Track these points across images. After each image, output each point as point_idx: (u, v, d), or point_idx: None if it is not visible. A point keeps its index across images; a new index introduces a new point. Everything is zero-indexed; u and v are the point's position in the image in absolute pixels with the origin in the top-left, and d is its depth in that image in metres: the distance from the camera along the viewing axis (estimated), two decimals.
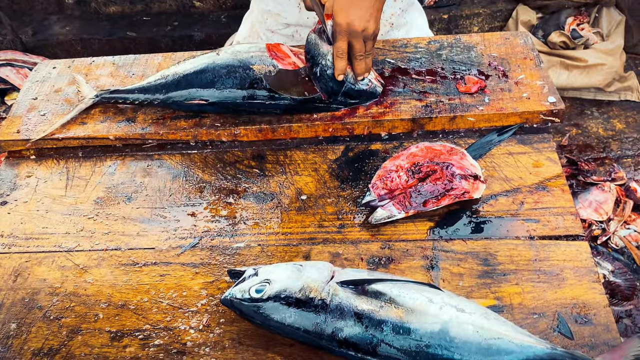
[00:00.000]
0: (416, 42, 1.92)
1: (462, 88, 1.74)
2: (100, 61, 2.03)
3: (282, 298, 1.23)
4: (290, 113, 1.74)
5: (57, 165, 1.75)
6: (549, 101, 1.67)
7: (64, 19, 4.54)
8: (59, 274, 1.48)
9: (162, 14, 4.51)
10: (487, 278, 1.36)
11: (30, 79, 1.99)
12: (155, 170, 1.70)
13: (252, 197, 1.60)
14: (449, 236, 1.45)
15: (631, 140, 3.65)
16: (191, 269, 1.45)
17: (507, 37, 1.90)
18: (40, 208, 1.64)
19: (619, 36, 3.93)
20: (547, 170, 1.56)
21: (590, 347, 1.24)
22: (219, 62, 1.74)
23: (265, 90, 1.70)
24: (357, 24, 1.57)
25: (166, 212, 1.59)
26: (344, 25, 1.58)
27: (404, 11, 2.14)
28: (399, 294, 1.22)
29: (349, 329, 1.19)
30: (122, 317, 1.38)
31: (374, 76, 1.73)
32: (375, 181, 1.52)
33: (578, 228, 1.43)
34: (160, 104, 1.78)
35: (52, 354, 1.32)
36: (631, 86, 3.90)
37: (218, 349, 1.30)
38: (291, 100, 1.70)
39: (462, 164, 1.52)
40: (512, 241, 1.43)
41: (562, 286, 1.33)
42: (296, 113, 1.74)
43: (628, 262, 2.97)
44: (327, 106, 1.72)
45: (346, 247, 1.46)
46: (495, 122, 1.68)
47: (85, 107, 1.82)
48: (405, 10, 2.14)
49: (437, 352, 1.17)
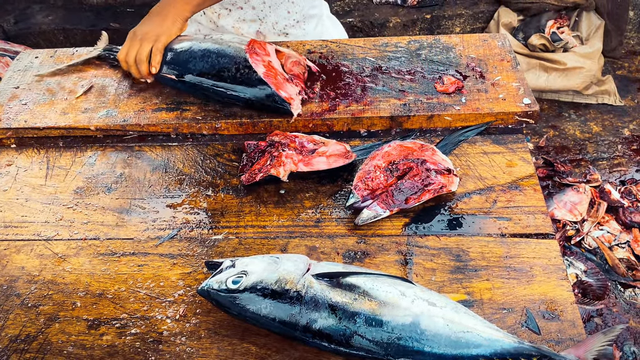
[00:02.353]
0: (397, 42, 1.95)
1: (440, 88, 1.78)
2: (83, 51, 2.03)
3: (258, 289, 1.25)
4: (252, 108, 1.77)
5: (37, 155, 1.75)
6: (524, 102, 1.71)
7: (47, 8, 4.52)
8: (37, 262, 1.49)
9: (146, 5, 4.49)
10: (458, 273, 1.40)
11: (12, 68, 1.99)
12: (135, 161, 1.71)
13: (232, 190, 1.62)
14: (423, 232, 1.49)
15: (607, 143, 3.72)
16: (169, 260, 1.47)
17: (486, 39, 1.94)
18: (19, 197, 1.65)
19: (597, 40, 3.99)
20: (520, 170, 1.60)
21: (557, 342, 1.28)
22: (200, 44, 1.80)
23: (229, 81, 1.74)
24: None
25: (145, 203, 1.61)
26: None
27: (299, 22, 2.26)
28: (373, 287, 1.25)
29: (323, 321, 1.22)
30: (100, 305, 1.40)
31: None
32: (356, 183, 1.54)
33: (548, 227, 1.47)
34: None
35: (29, 341, 1.34)
36: (608, 90, 3.97)
37: (194, 339, 1.32)
38: (250, 97, 1.74)
39: (435, 159, 1.56)
40: (484, 238, 1.46)
41: (531, 283, 1.37)
42: (258, 110, 1.77)
43: (600, 262, 3.03)
44: (285, 109, 1.75)
45: (323, 241, 1.49)
46: (471, 121, 1.71)
47: (91, 56, 2.00)
48: (300, 22, 2.26)
49: (408, 344, 1.20)
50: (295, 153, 1.60)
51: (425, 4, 4.35)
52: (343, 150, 1.62)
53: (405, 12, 4.31)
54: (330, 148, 1.62)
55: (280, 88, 1.72)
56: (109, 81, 1.92)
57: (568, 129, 3.83)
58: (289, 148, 1.60)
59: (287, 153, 1.58)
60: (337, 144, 1.64)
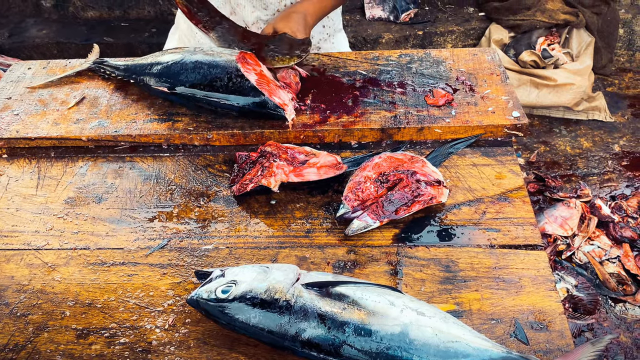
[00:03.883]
0: (388, 55, 1.97)
1: (430, 100, 1.79)
2: (76, 63, 2.04)
3: (247, 299, 1.25)
4: (245, 117, 1.78)
5: (28, 165, 1.76)
6: (513, 115, 1.73)
7: (41, 22, 4.54)
8: (27, 272, 1.49)
9: (140, 20, 4.53)
10: (448, 284, 1.40)
11: (5, 78, 2.00)
12: (126, 171, 1.72)
13: (222, 201, 1.63)
14: (413, 243, 1.49)
15: (597, 158, 3.75)
16: (159, 270, 1.47)
17: (475, 53, 1.96)
18: (10, 206, 1.65)
19: (588, 57, 4.04)
20: (509, 182, 1.61)
21: (545, 353, 1.28)
22: (191, 56, 1.81)
23: (222, 90, 1.75)
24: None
25: (136, 213, 1.61)
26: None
27: (330, 36, 2.34)
28: (362, 296, 1.25)
29: (312, 330, 1.22)
30: (89, 315, 1.39)
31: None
32: (347, 194, 1.55)
33: (537, 238, 1.48)
34: (135, 83, 1.90)
35: (17, 350, 1.33)
36: (599, 106, 4.01)
37: (183, 348, 1.32)
38: (243, 105, 1.75)
39: (425, 170, 1.57)
40: (473, 249, 1.47)
41: (520, 293, 1.38)
42: (252, 118, 1.78)
43: (591, 277, 3.05)
44: (279, 115, 1.76)
45: (313, 252, 1.49)
46: (461, 134, 1.73)
47: (82, 69, 2.01)
48: (331, 36, 2.34)
49: (397, 354, 1.20)
50: (286, 164, 1.60)
51: (417, 21, 4.39)
52: (334, 161, 1.63)
53: (397, 29, 4.35)
54: (321, 159, 1.63)
55: (274, 94, 1.74)
56: (101, 92, 1.93)
57: (559, 145, 3.86)
58: (280, 159, 1.61)
59: (278, 164, 1.59)
60: (328, 155, 1.65)
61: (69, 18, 4.57)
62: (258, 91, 1.72)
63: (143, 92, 1.90)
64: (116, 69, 1.94)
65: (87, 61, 2.01)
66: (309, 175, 1.60)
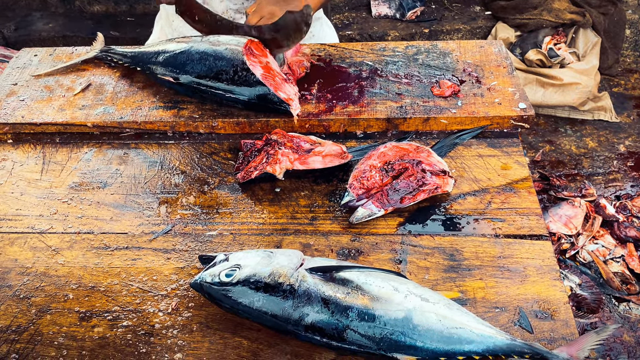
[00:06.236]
0: (394, 46, 1.97)
1: (436, 91, 1.79)
2: (82, 50, 2.05)
3: (251, 282, 1.25)
4: (251, 109, 1.77)
5: (33, 150, 1.76)
6: (519, 107, 1.72)
7: (48, 15, 4.55)
8: (30, 255, 1.48)
9: (147, 15, 4.53)
10: (452, 272, 1.40)
11: (11, 65, 2.00)
12: (131, 158, 1.72)
13: (227, 188, 1.62)
14: (417, 232, 1.49)
15: (602, 158, 3.73)
16: (163, 255, 1.47)
17: (482, 45, 1.95)
18: (15, 190, 1.64)
19: (594, 57, 4.02)
20: (515, 173, 1.61)
21: (549, 341, 1.27)
22: (197, 47, 1.79)
23: (227, 83, 1.74)
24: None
25: (140, 198, 1.60)
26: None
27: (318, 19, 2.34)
28: (366, 281, 1.24)
29: (316, 315, 1.22)
30: (92, 298, 1.39)
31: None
32: (352, 181, 1.54)
33: (542, 228, 1.47)
34: (141, 71, 1.89)
35: (20, 332, 1.33)
36: (604, 106, 4.00)
37: (186, 332, 1.32)
38: (249, 99, 1.74)
39: (430, 160, 1.56)
40: (478, 238, 1.46)
41: (525, 282, 1.37)
42: (257, 111, 1.77)
43: (595, 276, 3.04)
44: (284, 109, 1.75)
45: (317, 239, 1.49)
46: (467, 125, 1.72)
47: (88, 57, 2.00)
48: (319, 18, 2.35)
49: (400, 339, 1.20)
50: (291, 152, 1.60)
51: (423, 19, 4.39)
52: (339, 150, 1.63)
53: (403, 27, 4.35)
54: (327, 148, 1.63)
55: (279, 89, 1.73)
56: (107, 79, 1.93)
57: (564, 144, 3.84)
58: (285, 147, 1.61)
59: (284, 151, 1.59)
60: (334, 144, 1.64)
61: (75, 12, 4.58)
62: (263, 85, 1.72)
63: (149, 79, 1.89)
64: (123, 56, 1.93)
65: (93, 49, 2.01)
66: (314, 163, 1.60)
